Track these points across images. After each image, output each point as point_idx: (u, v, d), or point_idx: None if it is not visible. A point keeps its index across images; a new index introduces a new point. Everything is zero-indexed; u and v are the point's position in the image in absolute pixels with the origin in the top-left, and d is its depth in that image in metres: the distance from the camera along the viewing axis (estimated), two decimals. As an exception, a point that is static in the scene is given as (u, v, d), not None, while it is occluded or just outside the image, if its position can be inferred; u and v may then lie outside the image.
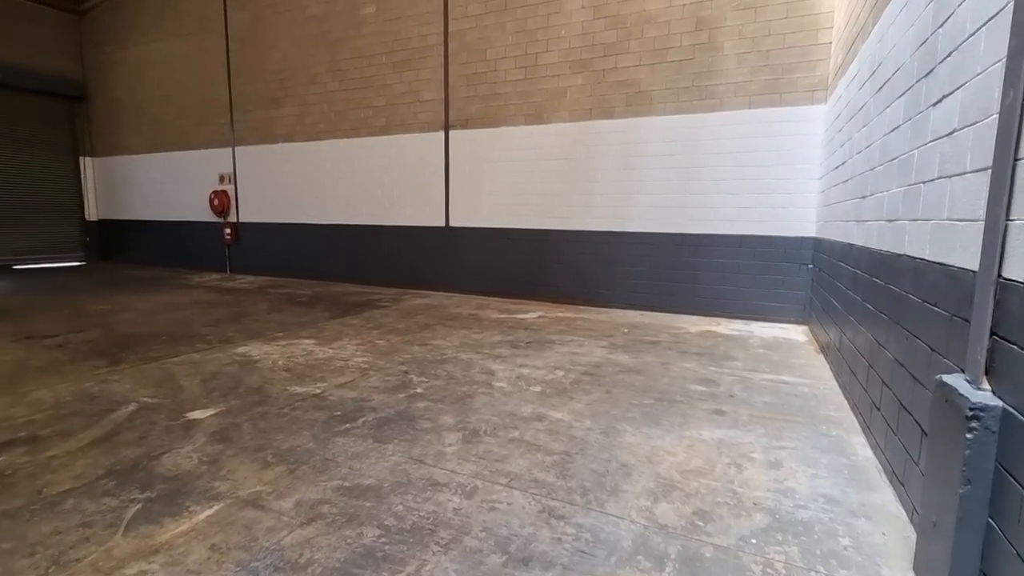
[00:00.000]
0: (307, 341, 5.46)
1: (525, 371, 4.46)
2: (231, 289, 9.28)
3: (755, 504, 2.41)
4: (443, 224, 8.91)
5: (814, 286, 6.11)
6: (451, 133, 8.62)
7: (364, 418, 3.39)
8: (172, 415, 3.41)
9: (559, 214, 7.90)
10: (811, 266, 6.34)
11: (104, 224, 13.91)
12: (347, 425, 3.27)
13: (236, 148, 11.06)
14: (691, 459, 2.85)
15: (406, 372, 4.40)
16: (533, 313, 7.18)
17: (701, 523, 2.26)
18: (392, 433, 3.16)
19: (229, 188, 11.26)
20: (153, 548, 2.05)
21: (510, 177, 8.20)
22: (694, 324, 6.50)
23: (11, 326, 6.06)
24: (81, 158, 13.64)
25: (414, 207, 9.16)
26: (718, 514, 2.33)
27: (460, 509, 2.34)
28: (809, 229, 6.36)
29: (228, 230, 11.29)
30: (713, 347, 5.36)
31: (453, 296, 8.66)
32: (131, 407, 3.54)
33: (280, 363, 4.63)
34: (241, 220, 11.27)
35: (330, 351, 5.06)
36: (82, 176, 13.71)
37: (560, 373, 4.42)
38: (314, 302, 7.93)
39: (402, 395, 3.84)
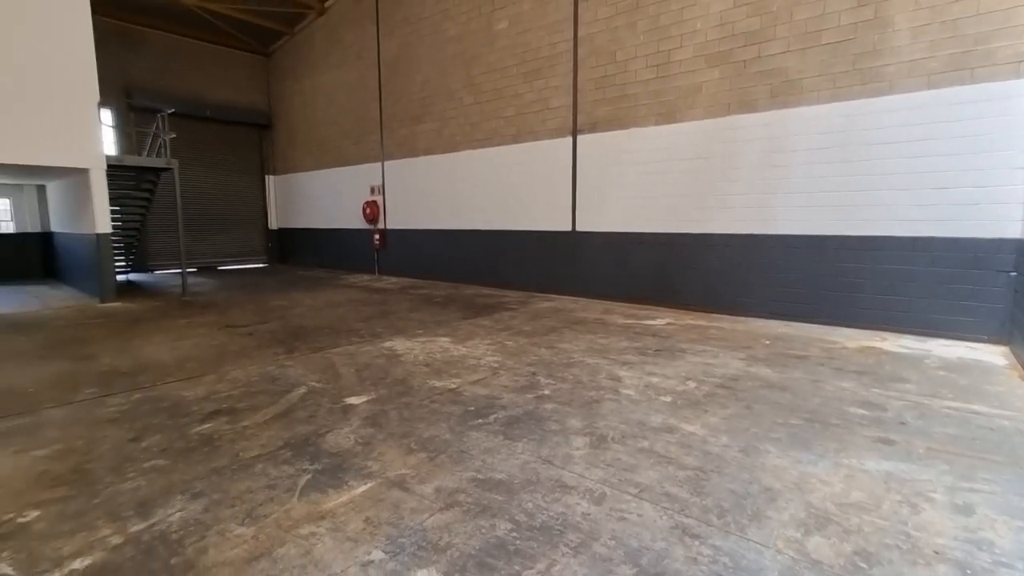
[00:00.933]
0: (443, 339, 5.86)
1: (654, 380, 4.31)
2: (379, 289, 10.32)
3: (937, 553, 2.06)
4: (570, 228, 8.97)
5: (1018, 298, 5.03)
6: (579, 137, 8.65)
7: (495, 415, 3.55)
8: (334, 399, 3.90)
9: (691, 216, 7.50)
10: (1014, 273, 5.23)
11: (282, 232, 16.34)
12: (480, 420, 3.45)
13: (385, 162, 12.28)
14: (850, 491, 2.53)
15: (534, 373, 4.52)
16: (661, 320, 6.91)
17: (865, 565, 1.99)
18: (521, 432, 3.26)
19: (379, 198, 12.53)
20: (320, 514, 2.37)
21: (639, 179, 7.99)
22: (852, 339, 5.73)
23: (216, 317, 7.40)
24: (266, 176, 16.20)
25: (542, 212, 9.35)
26: (886, 557, 2.03)
27: (589, 514, 2.34)
28: (1011, 229, 5.25)
29: (377, 236, 12.57)
30: (877, 366, 4.68)
31: (579, 300, 8.67)
32: (302, 390, 4.12)
33: (420, 358, 5.04)
34: (388, 227, 12.47)
35: (464, 349, 5.38)
36: (266, 192, 16.27)
37: (692, 384, 4.19)
38: (448, 303, 8.49)
39: (530, 396, 3.95)
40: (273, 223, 16.44)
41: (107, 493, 2.55)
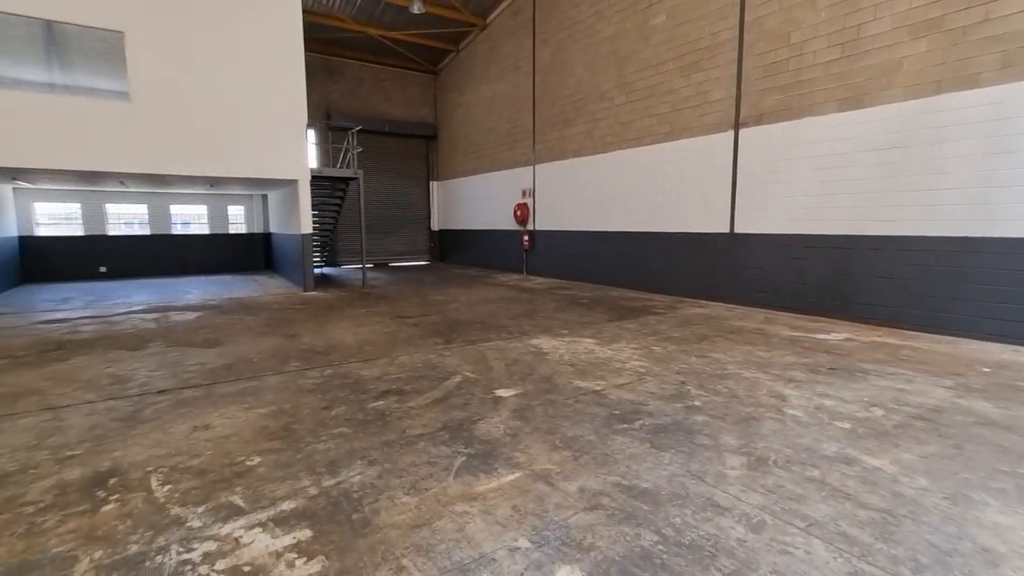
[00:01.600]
0: (588, 340, 5.88)
1: (827, 402, 3.81)
2: (526, 288, 10.71)
3: None
4: (727, 230, 8.32)
5: None
6: (741, 132, 7.97)
7: (641, 421, 3.46)
8: (485, 390, 4.16)
9: (880, 216, 6.43)
10: None
11: (442, 233, 17.87)
12: (624, 425, 3.40)
13: (536, 166, 12.69)
14: (1114, 570, 1.96)
15: (683, 382, 4.30)
16: (838, 334, 6.05)
17: None
18: (669, 442, 3.14)
19: (529, 201, 13.00)
20: (472, 496, 2.56)
21: (813, 175, 7.09)
22: (1123, 374, 4.40)
23: (388, 308, 8.38)
24: (431, 182, 17.86)
25: (695, 212, 8.83)
26: None
27: (745, 541, 2.17)
28: None
29: (526, 237, 13.06)
30: None
31: (734, 308, 8.00)
32: (458, 379, 4.47)
33: (565, 358, 5.12)
34: (536, 228, 12.87)
35: (609, 352, 5.33)
36: (430, 196, 17.94)
37: (879, 411, 3.61)
38: (594, 304, 8.47)
39: (679, 405, 3.77)
40: (435, 225, 18.04)
41: (307, 451, 3.07)
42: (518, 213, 13.15)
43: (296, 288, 10.78)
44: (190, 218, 14.65)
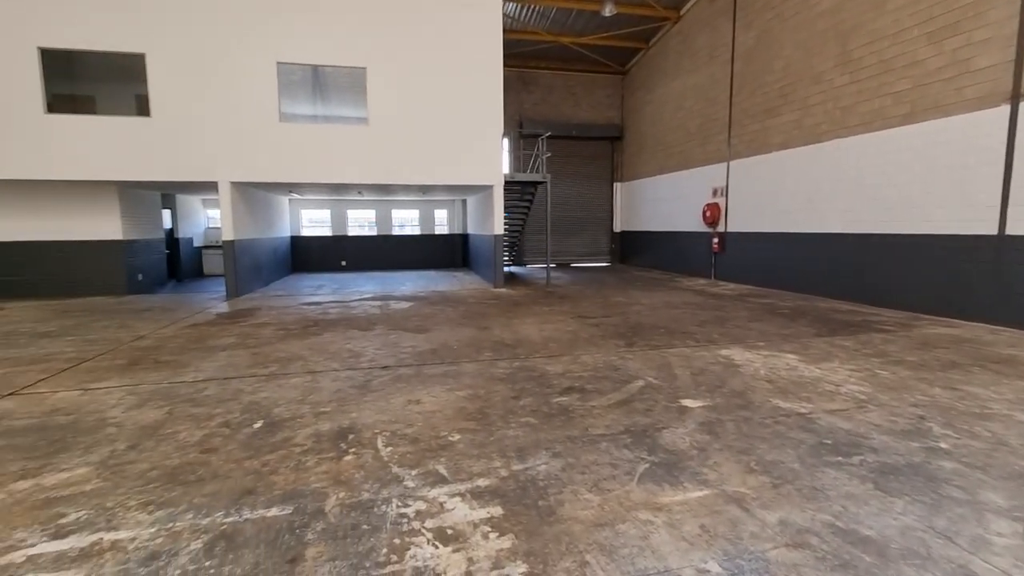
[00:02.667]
0: (790, 356, 5.21)
1: None
2: (715, 294, 9.95)
3: None
4: (994, 231, 6.55)
5: None
6: (1022, 105, 6.19)
7: (861, 456, 2.95)
8: (669, 398, 4.00)
9: None
10: None
11: (623, 234, 17.67)
12: (839, 458, 2.94)
13: (731, 162, 11.69)
14: None
15: (922, 417, 3.53)
16: None
17: None
18: (901, 487, 2.62)
19: (720, 201, 12.05)
20: (656, 505, 2.49)
21: None
22: None
23: (570, 307, 8.61)
24: (614, 183, 17.79)
25: (945, 210, 7.14)
26: None
27: (1018, 627, 1.70)
28: None
29: (716, 240, 12.13)
30: None
31: (1001, 330, 6.27)
32: (640, 383, 4.38)
33: (762, 372, 4.63)
34: (728, 230, 11.86)
35: (816, 371, 4.66)
36: (613, 197, 17.86)
37: None
38: (796, 316, 7.47)
39: (915, 444, 3.11)
40: (617, 226, 17.91)
41: (498, 434, 3.34)
42: (707, 214, 12.27)
43: (488, 284, 11.76)
44: (405, 221, 17.10)
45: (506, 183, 11.40)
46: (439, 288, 11.37)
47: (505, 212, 12.24)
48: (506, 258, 14.61)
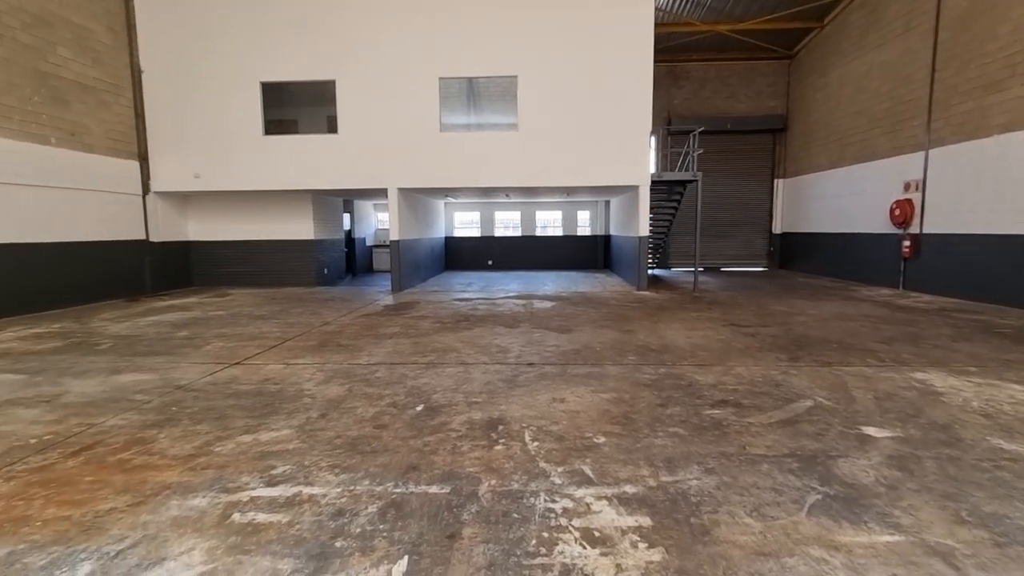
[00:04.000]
0: (1015, 386, 4.22)
1: None
2: (904, 307, 8.46)
3: None
4: None
5: None
6: None
7: None
8: (845, 423, 3.50)
9: None
10: None
11: (785, 236, 15.91)
12: (1097, 523, 2.30)
13: (930, 151, 9.83)
14: None
15: None
16: None
17: None
18: None
19: (914, 196, 10.20)
20: (833, 544, 2.19)
21: None
22: None
23: (720, 314, 8.01)
24: (775, 180, 16.09)
25: None
26: None
27: None
28: None
29: (907, 243, 10.30)
30: None
31: None
32: (808, 403, 3.91)
33: (974, 404, 3.82)
34: (923, 231, 9.99)
35: (1058, 410, 3.70)
36: (773, 195, 16.18)
37: None
38: (1026, 338, 6.02)
39: None
40: (777, 227, 16.19)
41: (645, 442, 3.24)
42: (896, 212, 10.47)
43: (630, 287, 11.47)
44: (548, 222, 17.47)
45: (652, 183, 10.99)
46: (580, 289, 11.38)
47: (651, 213, 11.82)
48: (650, 260, 14.10)
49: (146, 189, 10.75)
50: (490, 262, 17.07)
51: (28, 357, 5.51)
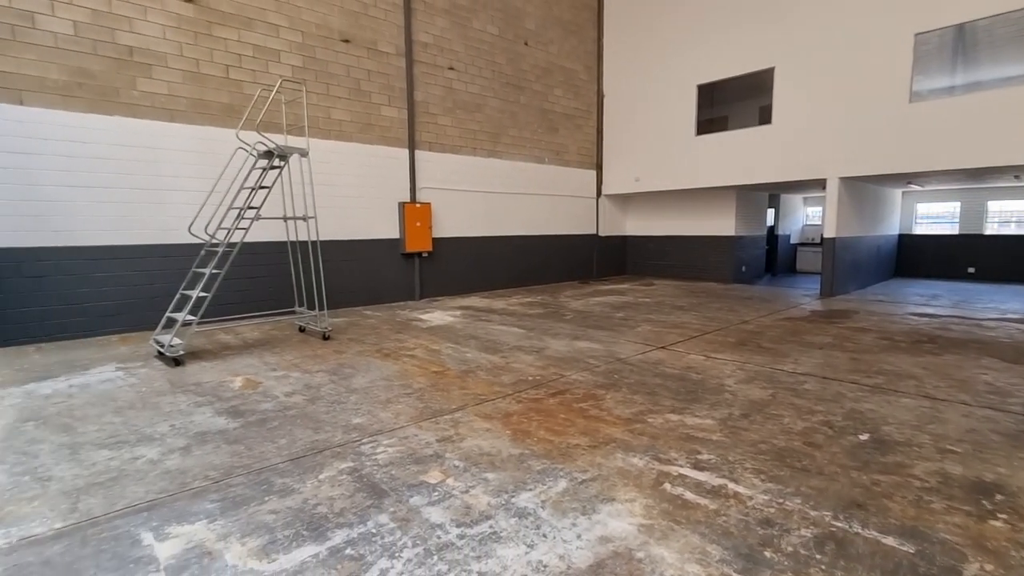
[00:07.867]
0: None
1: None
2: None
3: None
4: None
5: None
6: None
7: None
8: None
9: None
10: None
11: None
12: None
13: None
14: None
15: None
16: None
17: None
18: None
19: None
20: None
21: None
22: None
23: None
24: None
25: None
26: None
27: None
28: None
29: None
30: None
31: None
32: None
33: None
34: None
35: None
36: None
37: None
38: None
39: None
40: None
41: None
42: None
43: None
44: (1099, 213, 11.37)
45: None
46: None
47: None
48: None
49: (599, 192, 13.12)
50: (971, 269, 12.57)
51: (525, 318, 7.70)
